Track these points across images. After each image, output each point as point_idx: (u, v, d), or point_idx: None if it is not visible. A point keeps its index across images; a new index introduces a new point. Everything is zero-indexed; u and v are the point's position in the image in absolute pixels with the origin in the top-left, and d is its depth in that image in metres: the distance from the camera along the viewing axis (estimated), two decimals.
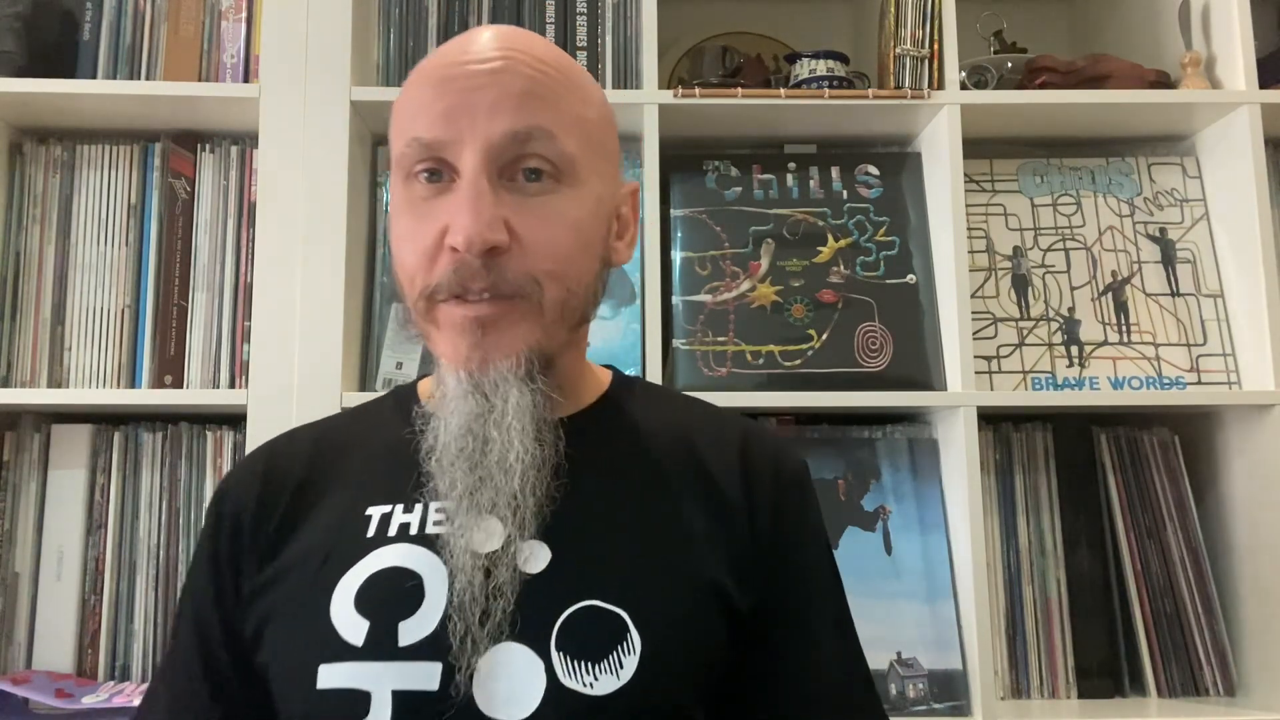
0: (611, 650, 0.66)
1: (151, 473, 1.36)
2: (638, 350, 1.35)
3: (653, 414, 0.81)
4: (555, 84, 0.73)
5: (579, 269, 0.73)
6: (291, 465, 0.80)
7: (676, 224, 1.43)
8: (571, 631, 0.67)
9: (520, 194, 0.71)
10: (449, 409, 0.71)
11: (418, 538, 0.71)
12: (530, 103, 0.71)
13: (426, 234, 0.70)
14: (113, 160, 1.41)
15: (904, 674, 1.29)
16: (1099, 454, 1.41)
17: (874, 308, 1.40)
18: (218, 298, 1.38)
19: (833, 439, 1.39)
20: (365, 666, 0.67)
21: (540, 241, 0.70)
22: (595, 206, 0.75)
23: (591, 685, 0.65)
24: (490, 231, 0.68)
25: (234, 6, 1.42)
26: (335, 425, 0.87)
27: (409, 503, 0.73)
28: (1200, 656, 1.35)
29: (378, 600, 0.69)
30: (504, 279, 0.69)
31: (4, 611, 1.31)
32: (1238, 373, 1.40)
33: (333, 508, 0.76)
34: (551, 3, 1.43)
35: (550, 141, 0.71)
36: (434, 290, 0.70)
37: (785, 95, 1.39)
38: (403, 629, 0.68)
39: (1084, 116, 1.44)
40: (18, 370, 1.35)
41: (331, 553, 0.73)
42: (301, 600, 0.72)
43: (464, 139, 0.70)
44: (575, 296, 0.73)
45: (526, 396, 0.70)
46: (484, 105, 0.70)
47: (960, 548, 1.31)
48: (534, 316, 0.71)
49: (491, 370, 0.70)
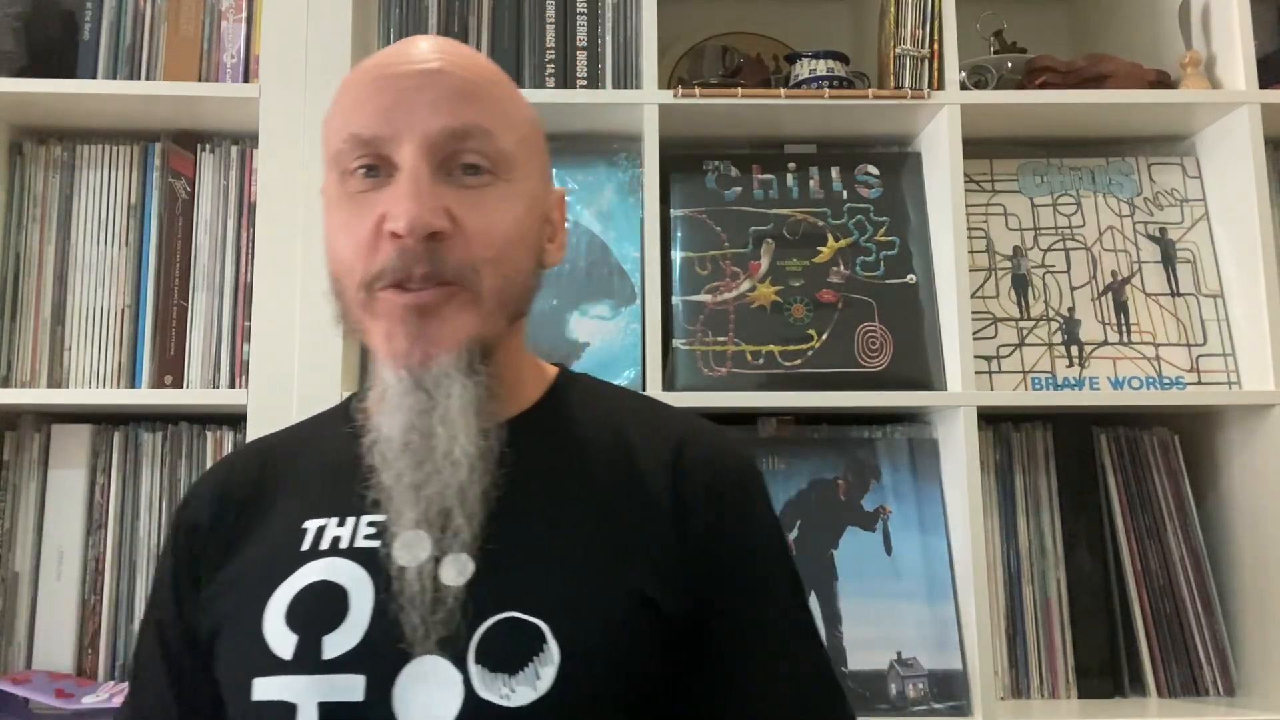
0: (528, 661, 0.66)
1: (151, 473, 1.36)
2: (638, 350, 1.35)
3: (591, 416, 0.80)
4: (490, 87, 0.74)
5: (517, 259, 0.74)
6: (244, 479, 0.81)
7: (676, 224, 1.43)
8: (490, 643, 0.67)
9: (459, 187, 0.71)
10: (391, 406, 0.71)
11: (348, 551, 0.72)
12: (467, 102, 0.72)
13: (364, 224, 0.71)
14: (113, 160, 1.41)
15: (904, 674, 1.29)
16: (1099, 454, 1.41)
17: (874, 308, 1.40)
18: (218, 298, 1.38)
19: (833, 439, 1.39)
20: (293, 680, 0.68)
21: (480, 229, 0.71)
22: (531, 203, 0.76)
23: (508, 697, 0.65)
24: (432, 216, 0.69)
25: (234, 6, 1.41)
26: (288, 437, 0.87)
27: (344, 516, 0.74)
28: (1200, 656, 1.35)
29: (305, 614, 0.70)
30: (445, 265, 0.69)
31: (4, 611, 1.31)
32: (1238, 373, 1.40)
33: (277, 521, 0.77)
34: (551, 3, 1.43)
35: (488, 139, 0.72)
36: (375, 278, 0.70)
37: (785, 95, 1.39)
38: (327, 642, 0.68)
39: (1084, 116, 1.44)
40: (18, 370, 1.35)
41: (270, 566, 0.74)
42: (240, 614, 0.73)
43: (402, 134, 0.70)
44: (513, 285, 0.74)
45: (470, 390, 0.70)
46: (423, 103, 0.71)
47: (960, 548, 1.31)
48: (472, 306, 0.71)
49: (434, 366, 0.70)
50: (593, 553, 0.71)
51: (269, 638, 0.70)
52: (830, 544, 1.34)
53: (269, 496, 0.79)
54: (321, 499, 0.76)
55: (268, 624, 0.71)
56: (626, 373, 1.36)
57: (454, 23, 1.42)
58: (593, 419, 0.80)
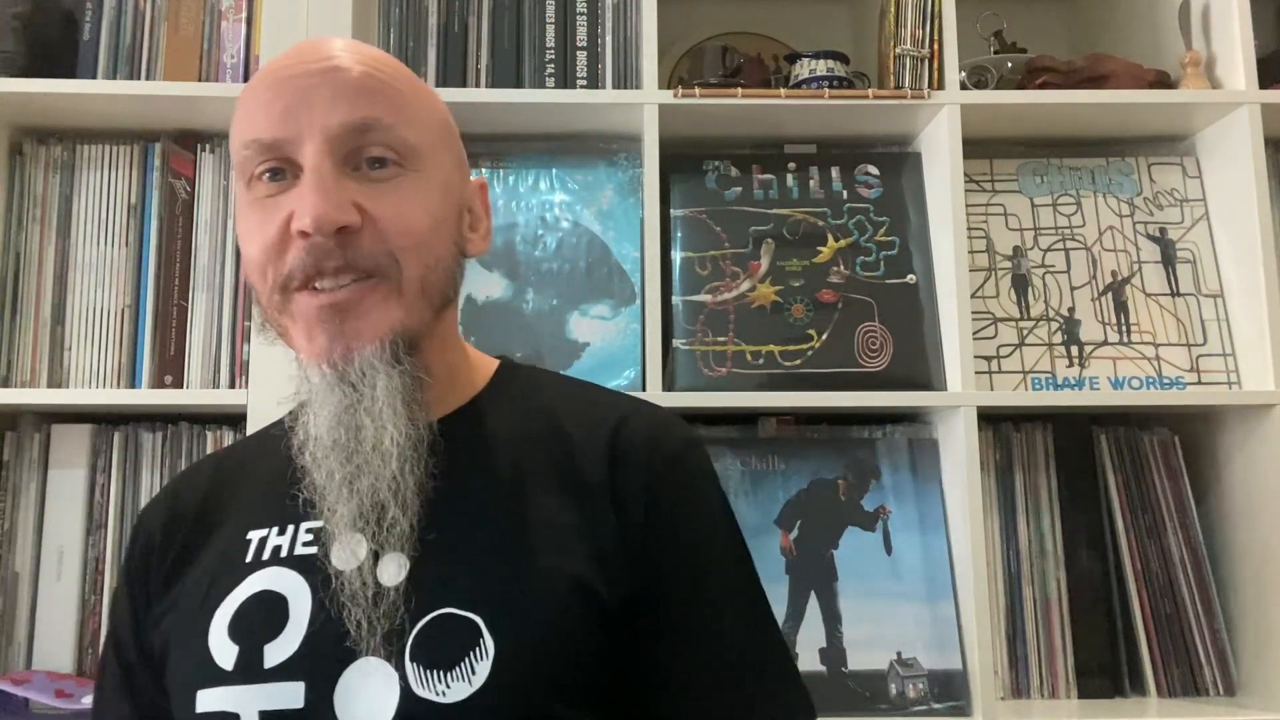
0: (464, 657, 0.65)
1: (151, 473, 1.35)
2: (638, 350, 1.35)
3: (530, 405, 0.79)
4: (390, 80, 0.73)
5: (435, 248, 0.73)
6: (194, 494, 0.81)
7: (676, 224, 1.43)
8: (425, 641, 0.66)
9: (367, 181, 0.71)
10: (317, 403, 0.70)
11: (287, 559, 0.72)
12: (366, 96, 0.71)
13: (271, 227, 0.70)
14: (113, 160, 1.41)
15: (904, 674, 1.29)
16: (1099, 454, 1.41)
17: (874, 308, 1.40)
18: (218, 298, 1.38)
19: (833, 439, 1.39)
20: (235, 690, 0.68)
21: (392, 218, 0.70)
22: (443, 191, 0.75)
23: (444, 694, 0.65)
24: (338, 211, 0.68)
25: (234, 6, 1.42)
26: (238, 450, 0.88)
27: (283, 524, 0.74)
28: (1200, 656, 1.35)
29: (247, 625, 0.70)
30: (360, 255, 0.69)
31: (4, 611, 1.31)
32: (1238, 373, 1.40)
33: (224, 534, 0.77)
34: (551, 3, 1.43)
35: (389, 131, 0.71)
36: (287, 278, 0.70)
37: (785, 95, 1.39)
38: (268, 651, 0.68)
39: (1084, 116, 1.44)
40: (18, 370, 1.35)
41: (216, 579, 0.74)
42: (186, 627, 0.73)
43: (303, 134, 0.70)
44: (434, 273, 0.73)
45: (395, 379, 0.69)
46: (321, 101, 0.70)
47: (960, 548, 1.31)
48: (394, 297, 0.70)
49: (356, 358, 0.69)
50: (529, 545, 0.70)
51: (213, 650, 0.70)
52: (830, 544, 1.34)
53: (219, 510, 0.79)
54: (263, 509, 0.76)
55: (212, 636, 0.71)
56: (626, 373, 1.36)
57: (454, 23, 1.42)
58: (530, 410, 0.79)
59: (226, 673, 0.69)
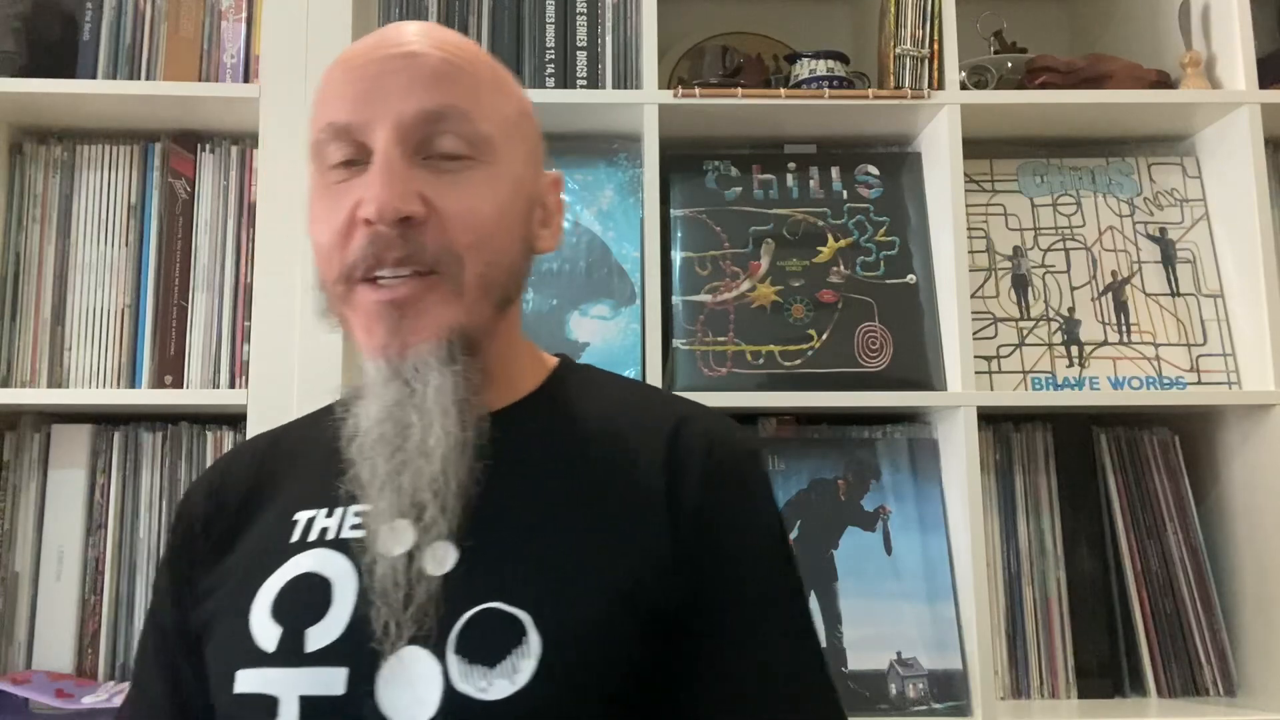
0: (507, 654, 0.64)
1: (151, 473, 1.36)
2: (638, 350, 1.35)
3: (587, 406, 0.78)
4: (469, 69, 0.73)
5: (500, 243, 0.72)
6: (243, 473, 0.81)
7: (676, 224, 1.43)
8: (470, 635, 0.65)
9: (436, 171, 0.70)
10: (369, 396, 0.70)
11: (334, 542, 0.71)
12: (443, 84, 0.70)
13: (340, 213, 0.70)
14: (113, 160, 1.41)
15: (904, 674, 1.29)
16: (1099, 454, 1.41)
17: (874, 308, 1.40)
18: (218, 298, 1.38)
19: (833, 439, 1.39)
20: (275, 672, 0.67)
21: (458, 213, 0.69)
22: (514, 186, 0.74)
23: (485, 690, 0.63)
24: (402, 201, 0.67)
25: (234, 6, 1.42)
26: (289, 431, 0.87)
27: (332, 506, 0.73)
28: (1200, 656, 1.35)
29: (289, 606, 0.70)
30: (423, 250, 0.68)
31: (4, 611, 1.31)
32: (1238, 373, 1.40)
33: (271, 513, 0.76)
34: (551, 3, 1.43)
35: (464, 121, 0.70)
36: (350, 269, 0.69)
37: (785, 95, 1.39)
38: (310, 635, 0.68)
39: (1084, 116, 1.44)
40: (18, 370, 1.35)
41: (261, 559, 0.73)
42: (230, 607, 0.73)
43: (376, 120, 0.69)
44: (497, 271, 0.72)
45: (448, 379, 0.69)
46: (397, 87, 0.70)
47: (960, 548, 1.31)
48: (454, 297, 0.70)
49: (411, 355, 0.69)
50: (579, 545, 0.69)
51: (254, 630, 0.70)
52: (830, 544, 1.34)
53: (268, 490, 0.78)
54: (312, 490, 0.75)
55: (254, 616, 0.70)
56: (626, 373, 1.35)
57: (454, 23, 1.42)
58: (588, 409, 0.78)
59: (268, 654, 0.68)
